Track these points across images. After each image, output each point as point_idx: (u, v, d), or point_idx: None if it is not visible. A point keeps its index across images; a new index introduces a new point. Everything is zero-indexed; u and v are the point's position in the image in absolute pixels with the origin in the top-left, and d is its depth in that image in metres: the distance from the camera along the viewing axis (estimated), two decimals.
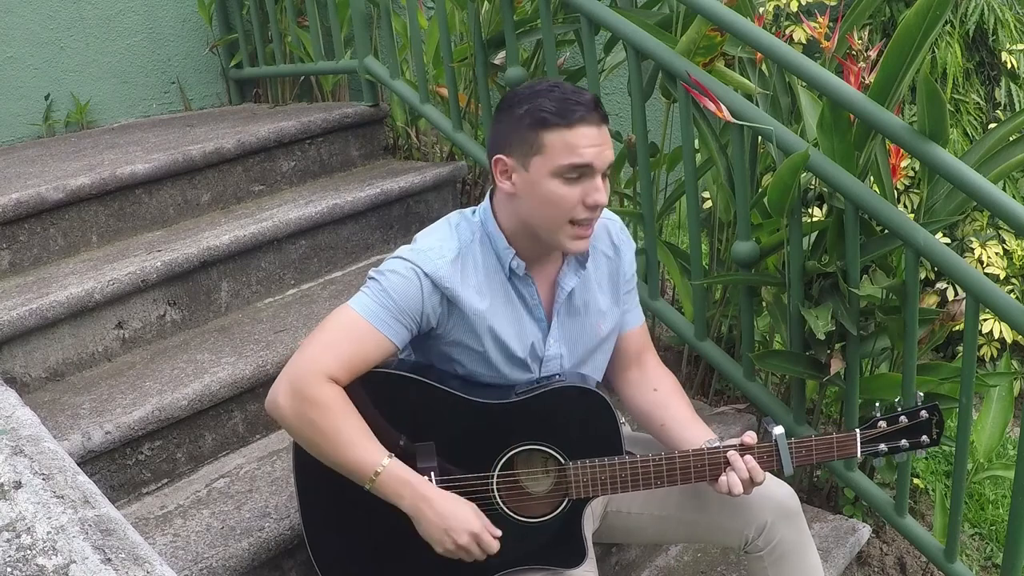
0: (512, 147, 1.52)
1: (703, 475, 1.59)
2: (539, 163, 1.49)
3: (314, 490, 1.58)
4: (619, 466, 1.57)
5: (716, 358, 2.32)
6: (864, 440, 1.63)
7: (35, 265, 2.32)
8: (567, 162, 1.48)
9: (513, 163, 1.52)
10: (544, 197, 1.50)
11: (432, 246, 1.56)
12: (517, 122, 1.51)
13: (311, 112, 2.95)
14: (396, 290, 1.51)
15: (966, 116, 3.48)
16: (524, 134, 1.50)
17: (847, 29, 2.08)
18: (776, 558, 1.67)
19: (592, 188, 1.50)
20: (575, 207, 1.50)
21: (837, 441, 1.62)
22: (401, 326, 1.52)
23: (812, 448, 1.62)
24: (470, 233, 1.59)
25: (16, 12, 3.03)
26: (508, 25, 2.42)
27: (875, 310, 2.04)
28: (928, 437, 1.63)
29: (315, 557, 1.59)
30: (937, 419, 1.64)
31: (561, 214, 1.51)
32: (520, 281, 1.60)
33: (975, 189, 1.73)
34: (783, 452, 1.60)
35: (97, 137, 3.02)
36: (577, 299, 1.65)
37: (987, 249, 3.12)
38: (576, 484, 1.58)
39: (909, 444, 1.63)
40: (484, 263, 1.58)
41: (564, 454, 1.58)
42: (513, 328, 1.60)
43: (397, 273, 1.52)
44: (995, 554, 2.54)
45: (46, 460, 1.42)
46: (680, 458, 1.58)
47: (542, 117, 1.48)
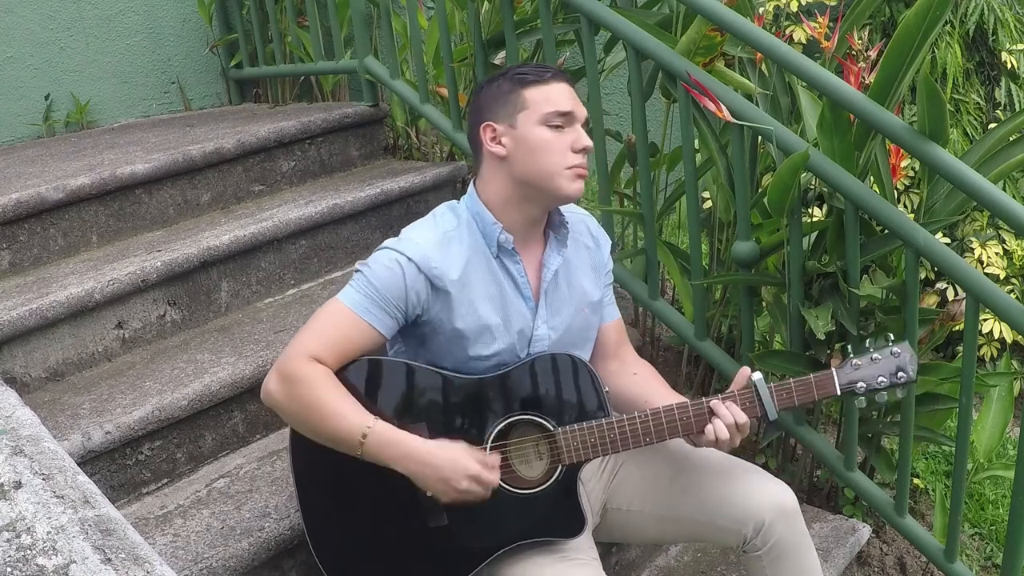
0: (497, 112, 1.62)
1: (689, 427, 1.62)
2: (525, 117, 1.60)
3: (312, 480, 1.60)
4: (607, 426, 1.61)
5: (716, 358, 2.32)
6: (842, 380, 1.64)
7: (35, 265, 2.32)
8: (551, 109, 1.59)
9: (502, 127, 1.61)
10: (536, 145, 1.59)
11: (415, 234, 1.63)
12: (497, 89, 1.63)
13: (311, 112, 2.95)
14: (379, 280, 1.56)
15: (966, 116, 3.48)
16: (507, 97, 1.61)
17: (847, 29, 2.08)
18: (774, 557, 1.67)
19: (577, 135, 1.61)
20: (566, 153, 1.59)
21: (815, 380, 1.64)
22: (385, 314, 1.57)
23: (792, 390, 1.64)
24: (455, 219, 1.65)
25: (16, 12, 3.03)
26: (508, 25, 2.42)
27: (875, 310, 2.04)
28: (905, 374, 1.64)
29: (315, 549, 1.59)
30: (911, 356, 1.65)
31: (556, 159, 1.59)
32: (508, 257, 1.64)
33: (975, 189, 1.74)
34: (764, 396, 1.62)
35: (97, 137, 3.02)
36: (562, 280, 1.69)
37: (987, 249, 3.12)
38: (567, 450, 1.60)
39: (888, 382, 1.64)
40: (470, 244, 1.62)
41: (553, 422, 1.61)
42: (500, 309, 1.63)
43: (379, 263, 1.57)
44: (995, 554, 2.54)
45: (46, 460, 1.42)
46: (665, 412, 1.62)
47: (520, 78, 1.61)
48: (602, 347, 1.81)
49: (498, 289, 1.63)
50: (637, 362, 1.84)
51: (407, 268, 1.56)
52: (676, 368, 2.62)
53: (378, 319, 1.56)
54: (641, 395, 1.75)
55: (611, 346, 1.82)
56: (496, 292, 1.63)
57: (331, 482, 1.58)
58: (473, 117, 1.67)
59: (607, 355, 1.82)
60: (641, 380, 1.79)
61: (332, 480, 1.58)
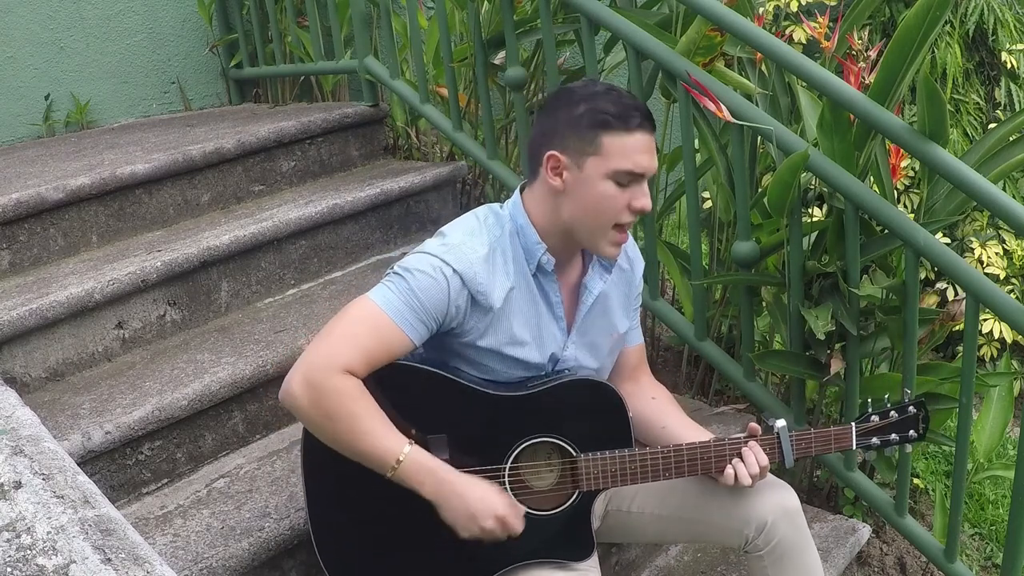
0: (568, 144, 1.51)
1: (709, 467, 1.61)
2: (595, 164, 1.50)
3: (322, 483, 1.57)
4: (629, 458, 1.59)
5: (716, 358, 2.32)
6: (859, 433, 1.69)
7: (35, 265, 2.32)
8: (624, 167, 1.49)
9: (567, 160, 1.52)
10: (595, 198, 1.51)
11: (462, 241, 1.53)
12: (575, 120, 1.51)
13: (311, 112, 2.95)
14: (423, 289, 1.48)
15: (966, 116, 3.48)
16: (583, 133, 1.50)
17: (847, 29, 2.08)
18: (776, 558, 1.67)
19: (640, 193, 1.52)
20: (622, 211, 1.52)
21: (834, 434, 1.68)
22: (423, 325, 1.50)
23: (811, 441, 1.67)
24: (499, 227, 1.58)
25: (16, 12, 3.03)
26: (508, 25, 2.42)
27: (875, 310, 2.04)
28: (915, 432, 1.71)
29: (320, 552, 1.59)
30: (924, 415, 1.71)
31: (609, 217, 1.52)
32: (545, 279, 1.60)
33: (975, 189, 1.74)
34: (784, 444, 1.64)
35: (97, 137, 3.02)
36: (598, 305, 1.66)
37: (987, 249, 3.12)
38: (587, 476, 1.58)
39: (898, 438, 1.71)
40: (514, 259, 1.57)
41: (575, 446, 1.58)
42: (532, 329, 1.59)
43: (424, 272, 1.49)
44: (995, 554, 2.54)
45: (46, 460, 1.42)
46: (688, 450, 1.60)
47: (604, 119, 1.49)
48: (621, 369, 1.79)
49: (534, 308, 1.59)
50: (654, 386, 1.81)
51: (452, 281, 1.49)
52: (676, 368, 2.63)
53: (415, 329, 1.49)
54: (658, 420, 1.74)
55: (629, 369, 1.80)
56: (532, 311, 1.59)
57: (341, 486, 1.55)
58: (541, 132, 1.56)
59: (624, 377, 1.79)
60: (659, 405, 1.77)
61: (342, 484, 1.55)
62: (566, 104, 1.53)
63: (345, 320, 1.49)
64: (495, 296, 1.53)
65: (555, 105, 1.55)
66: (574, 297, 1.65)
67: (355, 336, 1.47)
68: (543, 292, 1.60)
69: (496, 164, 2.66)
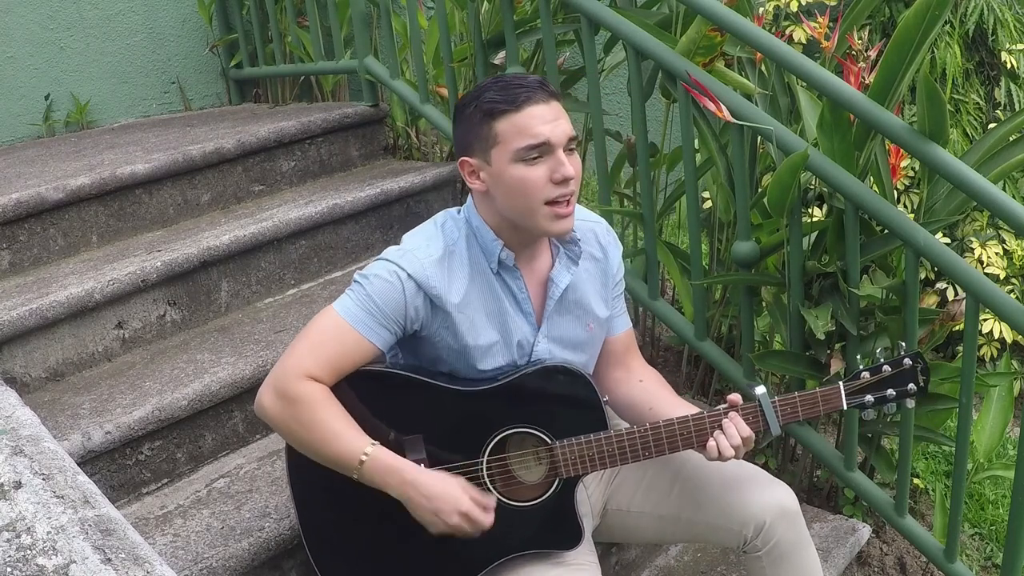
0: (472, 146, 1.54)
1: (690, 442, 1.60)
2: (498, 153, 1.50)
3: (309, 489, 1.58)
4: (605, 440, 1.58)
5: (716, 358, 2.31)
6: (849, 392, 1.62)
7: (35, 265, 2.32)
8: (523, 144, 1.48)
9: (477, 162, 1.54)
10: (512, 185, 1.50)
11: (418, 245, 1.57)
12: (468, 120, 1.53)
13: (311, 112, 2.95)
14: (379, 294, 1.52)
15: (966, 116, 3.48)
16: (478, 130, 1.52)
17: (847, 29, 2.08)
18: (774, 558, 1.67)
19: (556, 163, 1.49)
20: (544, 187, 1.50)
21: (821, 395, 1.61)
22: (384, 330, 1.53)
23: (797, 404, 1.61)
24: (456, 230, 1.60)
25: (16, 12, 3.03)
26: (508, 25, 2.42)
27: (875, 310, 2.04)
28: (915, 385, 1.61)
29: (313, 556, 1.59)
30: (922, 366, 1.61)
31: (534, 197, 1.50)
32: (508, 274, 1.60)
33: (975, 189, 1.73)
34: (767, 411, 1.59)
35: (97, 137, 3.02)
36: (569, 297, 1.65)
37: (987, 249, 3.12)
38: (565, 463, 1.58)
39: (895, 393, 1.62)
40: (470, 259, 1.58)
41: (550, 434, 1.59)
42: (499, 326, 1.60)
43: (380, 277, 1.53)
44: (995, 554, 2.54)
45: (46, 460, 1.42)
46: (665, 426, 1.59)
47: (489, 107, 1.50)
48: (609, 356, 1.78)
49: (497, 305, 1.60)
50: (644, 369, 1.80)
51: (407, 284, 1.52)
52: (676, 368, 2.63)
53: (376, 334, 1.52)
54: (645, 401, 1.73)
55: (618, 355, 1.78)
56: (495, 308, 1.60)
57: (328, 491, 1.56)
58: (456, 148, 1.60)
59: (613, 364, 1.78)
60: (646, 386, 1.76)
61: (329, 489, 1.56)
62: (461, 109, 1.56)
63: (310, 331, 1.54)
64: (451, 297, 1.55)
65: (455, 113, 1.59)
66: (543, 291, 1.64)
67: (318, 344, 1.51)
68: (507, 288, 1.61)
69: None
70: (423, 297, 1.54)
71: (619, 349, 1.78)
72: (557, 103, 1.53)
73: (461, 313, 1.56)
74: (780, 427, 1.60)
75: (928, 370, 1.62)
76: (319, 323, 1.54)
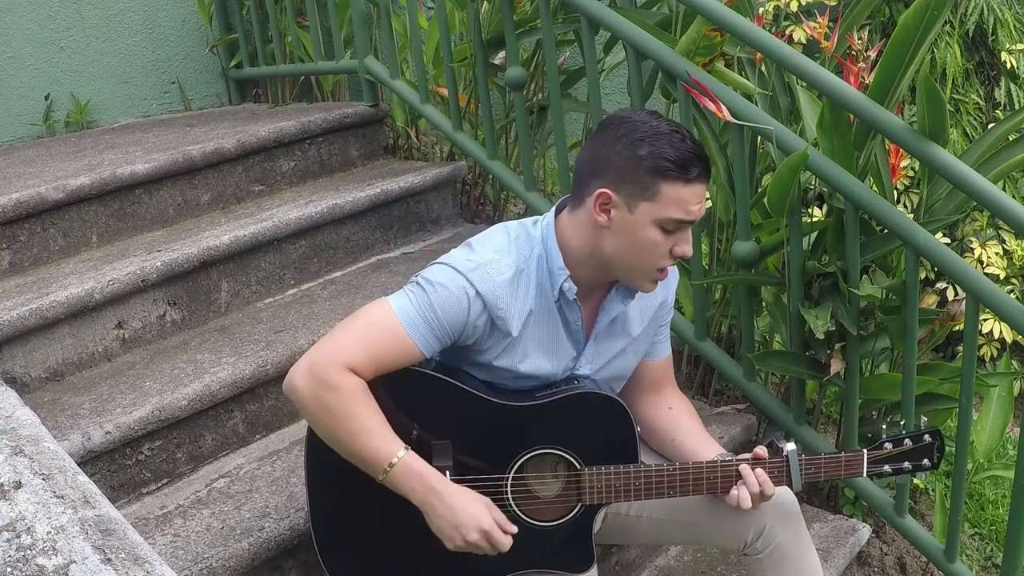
0: (622, 185, 1.48)
1: (715, 487, 1.60)
2: (647, 209, 1.47)
3: (325, 482, 1.57)
4: (634, 474, 1.57)
5: (716, 358, 2.31)
6: (871, 460, 1.65)
7: (35, 265, 2.32)
8: (676, 216, 1.47)
9: (618, 199, 1.49)
10: (639, 242, 1.49)
11: (490, 259, 1.52)
12: (635, 162, 1.46)
13: (311, 112, 2.95)
14: (442, 306, 1.48)
15: (966, 116, 3.48)
16: (640, 177, 1.46)
17: (846, 29, 2.08)
18: (775, 561, 1.67)
19: (683, 240, 1.51)
20: (664, 256, 1.51)
21: (845, 460, 1.64)
22: (436, 340, 1.50)
23: (821, 465, 1.63)
24: (529, 248, 1.56)
25: (16, 12, 3.03)
26: (508, 25, 2.42)
27: (875, 310, 2.04)
28: (929, 460, 1.66)
29: (320, 550, 1.59)
30: (939, 443, 1.66)
31: (651, 261, 1.51)
32: (567, 306, 1.58)
33: (975, 189, 1.73)
34: (794, 468, 1.61)
35: (97, 137, 3.02)
36: (617, 324, 1.65)
37: (987, 249, 3.12)
38: (591, 490, 1.58)
39: (911, 467, 1.66)
40: (538, 282, 1.55)
41: (580, 459, 1.57)
42: (550, 352, 1.59)
43: (447, 289, 1.48)
44: (995, 554, 2.54)
45: (46, 460, 1.42)
46: (694, 469, 1.59)
47: (665, 168, 1.45)
48: (643, 381, 1.77)
49: (552, 334, 1.58)
50: (675, 397, 1.79)
51: (474, 303, 1.49)
52: (676, 368, 2.61)
53: (427, 343, 1.49)
54: (670, 432, 1.72)
55: (653, 381, 1.78)
56: (549, 337, 1.58)
57: (344, 488, 1.55)
58: (594, 160, 1.51)
59: (647, 389, 1.78)
60: (674, 416, 1.75)
61: (345, 486, 1.55)
62: (627, 140, 1.48)
63: (359, 320, 1.49)
64: (515, 321, 1.53)
65: (614, 136, 1.50)
66: (592, 315, 1.63)
67: (366, 338, 1.47)
68: (563, 317, 1.59)
69: (496, 164, 2.66)
70: (487, 318, 1.51)
71: (655, 375, 1.78)
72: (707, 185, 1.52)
73: (518, 340, 1.55)
74: (801, 484, 1.63)
75: (944, 448, 1.68)
76: (370, 316, 1.49)
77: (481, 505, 1.50)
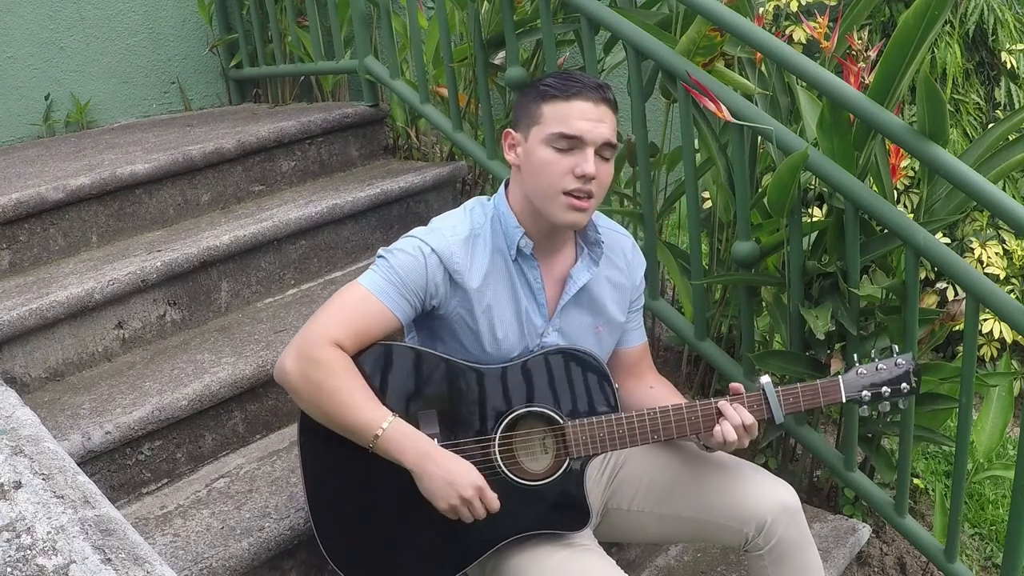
0: (518, 121, 1.63)
1: (697, 427, 1.64)
2: (535, 132, 1.59)
3: (320, 466, 1.60)
4: (615, 422, 1.62)
5: (716, 358, 2.32)
6: (848, 387, 1.67)
7: (35, 265, 2.32)
8: (557, 130, 1.56)
9: (518, 135, 1.63)
10: (537, 165, 1.58)
11: (444, 225, 1.63)
12: (524, 97, 1.63)
13: (311, 112, 2.95)
14: (402, 266, 1.57)
15: (966, 116, 3.48)
16: (528, 107, 1.60)
17: (846, 29, 2.08)
18: (776, 556, 1.67)
19: (582, 159, 1.56)
20: (565, 176, 1.56)
21: (822, 387, 1.67)
22: (406, 301, 1.58)
23: (799, 395, 1.66)
24: (483, 215, 1.66)
25: (16, 12, 3.03)
26: (508, 25, 2.42)
27: (875, 310, 2.04)
28: (907, 384, 1.68)
29: (319, 533, 1.59)
30: (915, 367, 1.68)
31: (552, 182, 1.57)
32: (526, 262, 1.65)
33: (975, 189, 1.74)
34: (771, 399, 1.64)
35: (97, 137, 3.02)
36: (584, 296, 1.69)
37: (987, 249, 3.13)
38: (575, 443, 1.61)
39: (890, 391, 1.68)
40: (493, 244, 1.64)
41: (562, 415, 1.61)
42: (512, 311, 1.64)
43: (404, 251, 1.59)
44: (995, 554, 2.54)
45: (46, 460, 1.42)
46: (674, 410, 1.63)
47: (543, 90, 1.58)
48: (621, 367, 1.82)
49: (512, 292, 1.65)
50: (655, 378, 1.84)
51: (429, 258, 1.58)
52: (676, 368, 2.62)
53: (397, 304, 1.57)
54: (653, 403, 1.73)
55: (630, 366, 1.83)
56: (511, 294, 1.64)
57: (339, 468, 1.58)
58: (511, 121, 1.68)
59: (625, 373, 1.82)
60: (655, 392, 1.80)
61: (340, 466, 1.58)
62: (525, 91, 1.65)
63: (336, 301, 1.58)
64: (472, 276, 1.60)
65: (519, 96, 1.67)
66: (560, 286, 1.69)
67: (343, 313, 1.56)
68: (523, 277, 1.65)
69: (496, 164, 2.66)
70: (444, 272, 1.59)
71: (632, 361, 1.83)
72: (608, 109, 1.60)
73: (479, 294, 1.61)
74: (783, 415, 1.65)
75: (920, 370, 1.69)
76: (343, 294, 1.58)
77: (470, 465, 1.55)
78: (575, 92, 1.56)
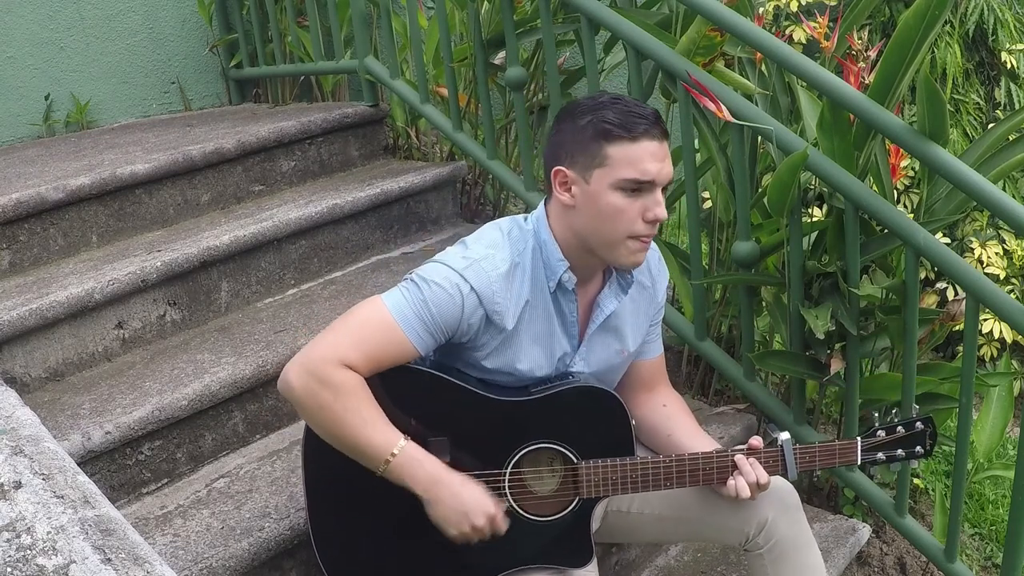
0: (574, 158, 1.50)
1: (711, 478, 1.61)
2: (601, 175, 1.48)
3: (323, 482, 1.57)
4: (630, 466, 1.58)
5: (716, 358, 2.31)
6: (865, 448, 1.67)
7: (35, 265, 2.32)
8: (630, 176, 1.47)
9: (574, 175, 1.50)
10: (604, 210, 1.48)
11: (484, 255, 1.52)
12: (579, 133, 1.49)
13: (311, 112, 2.95)
14: (436, 303, 1.48)
15: (966, 116, 3.48)
16: (587, 145, 1.48)
17: (846, 29, 2.08)
18: (776, 555, 1.67)
19: (653, 202, 1.49)
20: (635, 221, 1.49)
21: (839, 448, 1.66)
22: (431, 337, 1.50)
23: (815, 454, 1.65)
24: (523, 242, 1.57)
25: (16, 12, 3.03)
26: (508, 25, 2.42)
27: (875, 310, 2.04)
28: (922, 448, 1.68)
29: (319, 552, 1.59)
30: (931, 431, 1.68)
31: (621, 228, 1.49)
32: (564, 296, 1.58)
33: (975, 189, 1.73)
34: (788, 457, 1.62)
35: (97, 137, 3.02)
36: (611, 322, 1.65)
37: (987, 249, 3.12)
38: (587, 483, 1.58)
39: (904, 454, 1.68)
40: (532, 274, 1.56)
41: (576, 453, 1.58)
42: (545, 346, 1.60)
43: (440, 286, 1.49)
44: (995, 554, 2.54)
45: (46, 460, 1.42)
46: (690, 460, 1.60)
47: (606, 128, 1.46)
48: (635, 380, 1.78)
49: (547, 327, 1.59)
50: (668, 394, 1.80)
51: (468, 298, 1.49)
52: (676, 368, 2.62)
53: (421, 340, 1.49)
54: (665, 428, 1.73)
55: (645, 380, 1.79)
56: (545, 327, 1.59)
57: (343, 486, 1.55)
58: (550, 148, 1.55)
59: (639, 386, 1.79)
60: (669, 412, 1.76)
61: (344, 484, 1.55)
62: (570, 118, 1.52)
63: (354, 318, 1.49)
64: (510, 315, 1.53)
65: (561, 120, 1.54)
66: (587, 312, 1.64)
67: (361, 335, 1.47)
68: (559, 308, 1.59)
69: (496, 164, 2.66)
70: (481, 314, 1.51)
71: (648, 374, 1.79)
72: (667, 143, 1.52)
73: (513, 334, 1.55)
74: (797, 474, 1.64)
75: (936, 435, 1.69)
76: (364, 313, 1.49)
77: (483, 491, 1.51)
78: (642, 132, 1.46)
